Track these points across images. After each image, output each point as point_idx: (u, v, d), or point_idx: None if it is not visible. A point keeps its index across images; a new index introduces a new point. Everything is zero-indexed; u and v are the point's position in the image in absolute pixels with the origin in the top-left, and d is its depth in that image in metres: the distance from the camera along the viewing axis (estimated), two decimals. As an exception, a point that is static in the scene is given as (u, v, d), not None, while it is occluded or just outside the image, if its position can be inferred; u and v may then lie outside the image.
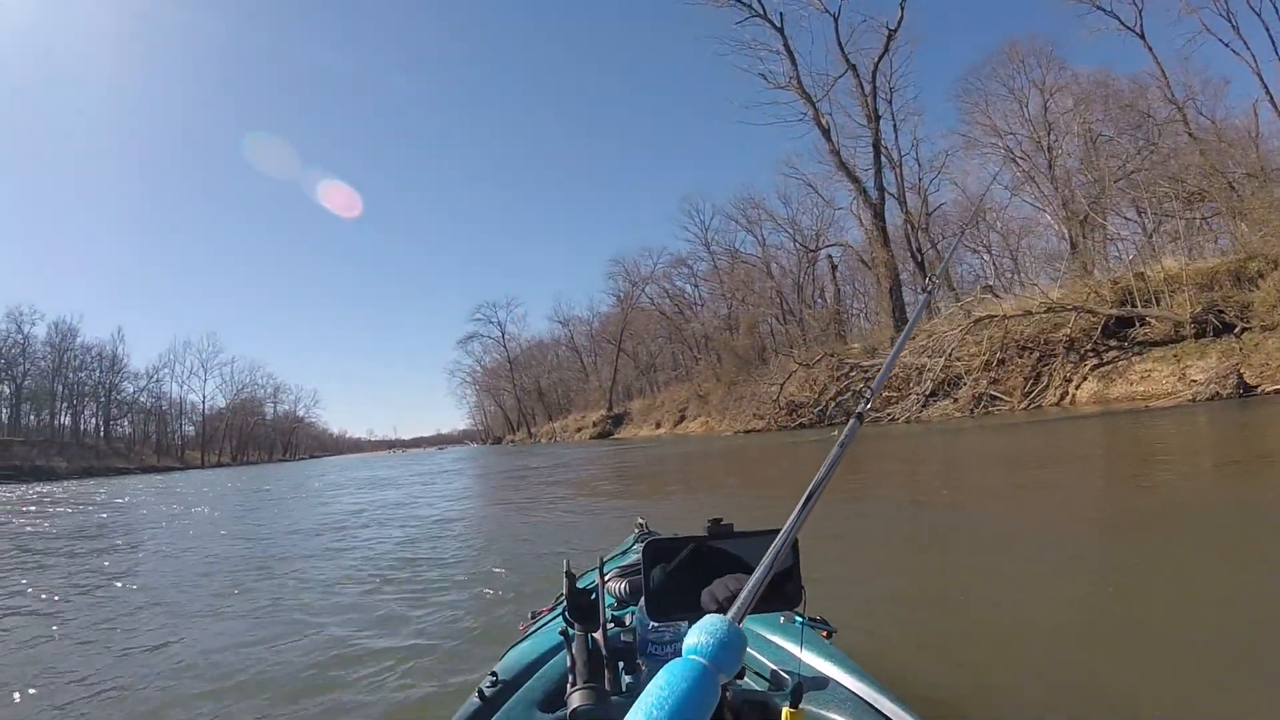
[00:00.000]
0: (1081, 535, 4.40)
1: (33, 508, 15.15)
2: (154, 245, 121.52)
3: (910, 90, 33.49)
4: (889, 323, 29.25)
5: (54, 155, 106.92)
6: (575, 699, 0.96)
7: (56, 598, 4.87)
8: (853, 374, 27.29)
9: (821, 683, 1.10)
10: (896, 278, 30.27)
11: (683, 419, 42.01)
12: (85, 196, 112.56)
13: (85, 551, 7.52)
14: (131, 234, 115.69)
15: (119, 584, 5.31)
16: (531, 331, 73.09)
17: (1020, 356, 20.13)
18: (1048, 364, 19.43)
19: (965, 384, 20.65)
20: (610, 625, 1.19)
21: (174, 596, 4.74)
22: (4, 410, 59.20)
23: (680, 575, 0.85)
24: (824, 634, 1.36)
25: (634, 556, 1.78)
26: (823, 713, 1.01)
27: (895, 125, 32.59)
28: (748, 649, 1.15)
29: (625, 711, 0.91)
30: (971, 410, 19.59)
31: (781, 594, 0.86)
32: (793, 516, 0.78)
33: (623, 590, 1.45)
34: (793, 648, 1.20)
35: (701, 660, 0.60)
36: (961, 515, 5.51)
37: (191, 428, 74.90)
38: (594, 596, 1.25)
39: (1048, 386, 18.97)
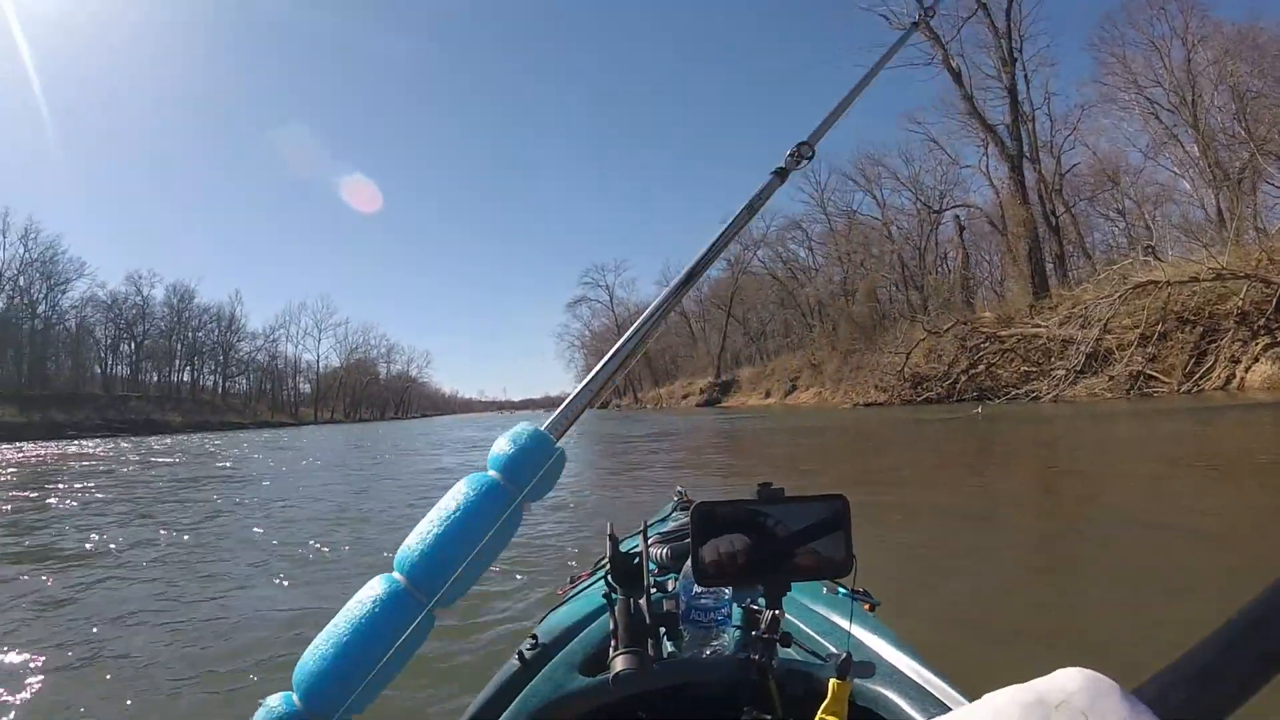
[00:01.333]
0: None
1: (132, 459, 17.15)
2: (272, 213, 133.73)
3: (1042, 38, 31.37)
4: (1026, 289, 28.12)
5: (188, 138, 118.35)
6: (618, 663, 0.95)
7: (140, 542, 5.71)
8: (986, 345, 26.47)
9: (868, 655, 1.10)
10: (1035, 238, 28.87)
11: (794, 388, 42.18)
12: (202, 171, 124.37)
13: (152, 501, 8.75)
14: (248, 204, 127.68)
15: (203, 530, 6.26)
16: (640, 296, 74.52)
17: (1180, 331, 19.02)
18: (1213, 341, 18.29)
19: (1117, 360, 19.81)
20: (653, 591, 1.18)
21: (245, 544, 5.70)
22: (125, 367, 64.49)
23: (728, 540, 0.84)
24: (867, 607, 1.37)
25: (673, 523, 1.82)
26: (869, 686, 1.01)
27: (1026, 77, 30.81)
28: (793, 619, 1.18)
29: (667, 678, 1.02)
30: (1127, 391, 18.85)
31: (831, 562, 0.86)
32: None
33: (664, 556, 1.44)
34: (838, 619, 1.22)
35: (494, 475, 0.56)
36: (1105, 532, 4.64)
37: (307, 385, 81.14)
38: (638, 561, 1.24)
39: (1213, 367, 17.92)
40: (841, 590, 1.15)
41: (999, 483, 7.79)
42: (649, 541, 1.33)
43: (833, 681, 0.81)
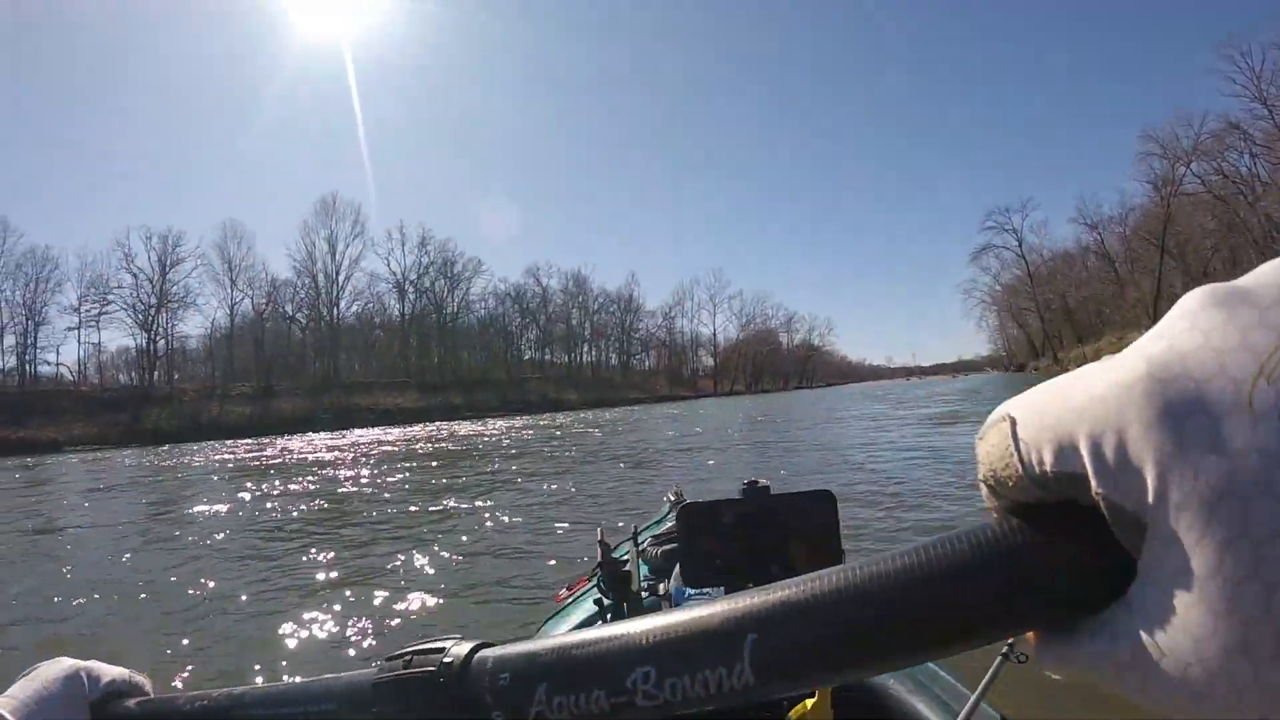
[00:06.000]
0: None
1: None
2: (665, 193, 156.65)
3: None
4: None
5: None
6: None
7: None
8: None
9: None
10: None
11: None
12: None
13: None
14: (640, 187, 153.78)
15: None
16: (1054, 239, 66.55)
17: None
18: None
19: None
20: (646, 595, 1.24)
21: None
22: (533, 352, 72.34)
23: (716, 540, 0.85)
24: None
25: (668, 525, 1.87)
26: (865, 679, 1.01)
27: None
28: None
29: None
30: None
31: (820, 558, 0.82)
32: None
33: (657, 557, 1.48)
34: None
35: None
36: None
37: (710, 359, 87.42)
38: (628, 566, 1.27)
39: None
40: None
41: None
42: (642, 545, 1.49)
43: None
